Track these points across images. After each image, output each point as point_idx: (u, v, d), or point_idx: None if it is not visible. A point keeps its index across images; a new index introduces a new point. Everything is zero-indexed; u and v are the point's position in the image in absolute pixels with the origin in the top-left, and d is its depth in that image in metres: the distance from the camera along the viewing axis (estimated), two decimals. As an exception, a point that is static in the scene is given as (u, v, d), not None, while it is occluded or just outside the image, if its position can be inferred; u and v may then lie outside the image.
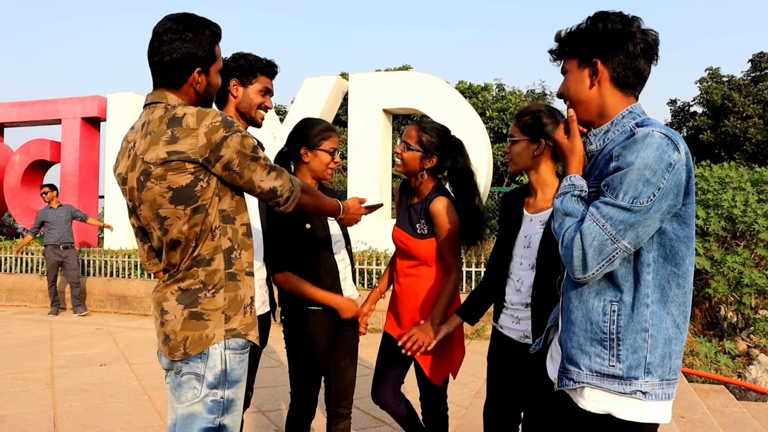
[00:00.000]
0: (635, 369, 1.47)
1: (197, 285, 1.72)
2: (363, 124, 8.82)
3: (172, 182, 1.65)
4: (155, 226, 1.73)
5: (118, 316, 8.62)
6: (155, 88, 1.79)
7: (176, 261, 1.75)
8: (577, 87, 1.62)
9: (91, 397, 4.49)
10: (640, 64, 1.55)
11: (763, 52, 22.37)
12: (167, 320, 1.74)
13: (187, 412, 1.73)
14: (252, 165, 1.71)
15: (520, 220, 2.26)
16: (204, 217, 1.69)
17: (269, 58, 2.37)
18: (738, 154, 20.81)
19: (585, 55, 1.59)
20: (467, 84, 19.71)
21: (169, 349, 1.74)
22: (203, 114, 1.66)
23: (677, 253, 1.49)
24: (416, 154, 2.48)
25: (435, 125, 2.55)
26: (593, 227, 1.44)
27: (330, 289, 2.48)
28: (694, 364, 5.20)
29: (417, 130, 2.51)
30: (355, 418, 3.93)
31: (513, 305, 2.24)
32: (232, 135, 1.66)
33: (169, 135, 1.64)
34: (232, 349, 1.74)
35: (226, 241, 1.74)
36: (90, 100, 11.24)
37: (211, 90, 1.82)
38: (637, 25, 1.55)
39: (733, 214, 5.74)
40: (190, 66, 1.73)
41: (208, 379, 1.71)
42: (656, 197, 1.41)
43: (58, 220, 8.59)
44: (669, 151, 1.42)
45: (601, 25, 1.56)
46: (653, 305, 1.47)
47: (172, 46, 1.70)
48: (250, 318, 1.80)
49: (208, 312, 1.72)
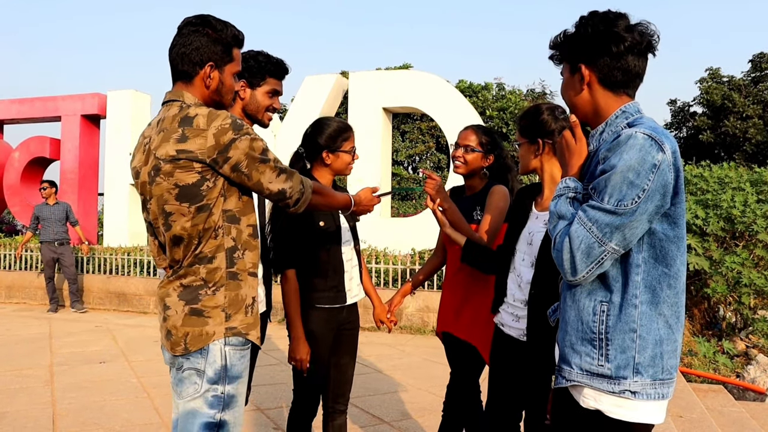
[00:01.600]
0: (623, 369, 1.48)
1: (198, 282, 1.75)
2: (363, 122, 8.82)
3: (179, 179, 1.69)
4: (161, 221, 1.77)
5: (118, 313, 8.62)
6: (174, 84, 1.83)
7: (179, 257, 1.78)
8: (569, 92, 1.65)
9: (90, 395, 4.49)
10: (627, 62, 1.55)
11: (763, 53, 22.38)
12: (169, 315, 1.78)
13: (188, 408, 1.75)
14: (261, 167, 1.74)
15: (527, 216, 2.29)
16: (207, 216, 1.72)
17: (279, 58, 2.34)
18: (738, 155, 20.82)
19: (572, 61, 1.62)
20: (467, 83, 19.71)
21: (170, 344, 1.77)
22: (214, 116, 1.69)
23: (667, 253, 1.49)
24: (478, 155, 2.66)
25: (484, 127, 2.75)
26: (580, 230, 1.46)
27: (335, 287, 2.50)
28: (693, 363, 5.21)
29: (475, 133, 2.68)
30: (353, 416, 3.94)
31: (515, 301, 2.25)
32: (240, 138, 1.69)
33: (179, 133, 1.68)
34: (233, 345, 1.77)
35: (229, 241, 1.76)
36: (90, 98, 11.22)
37: (224, 90, 1.84)
38: (622, 24, 1.54)
39: (732, 215, 5.75)
40: (202, 59, 1.76)
41: (209, 375, 1.74)
42: (641, 199, 1.42)
43: (53, 217, 8.59)
44: (652, 152, 1.42)
45: (584, 29, 1.58)
46: (642, 306, 1.48)
47: (189, 39, 1.76)
48: (251, 318, 1.82)
49: (209, 309, 1.74)
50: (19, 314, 8.42)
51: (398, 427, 3.78)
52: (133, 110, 10.79)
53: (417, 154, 19.90)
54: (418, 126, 19.95)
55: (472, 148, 2.65)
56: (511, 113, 17.95)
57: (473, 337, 2.60)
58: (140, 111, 10.97)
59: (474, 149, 2.65)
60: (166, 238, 1.78)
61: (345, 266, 2.54)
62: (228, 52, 1.81)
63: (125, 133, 10.69)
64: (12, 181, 11.60)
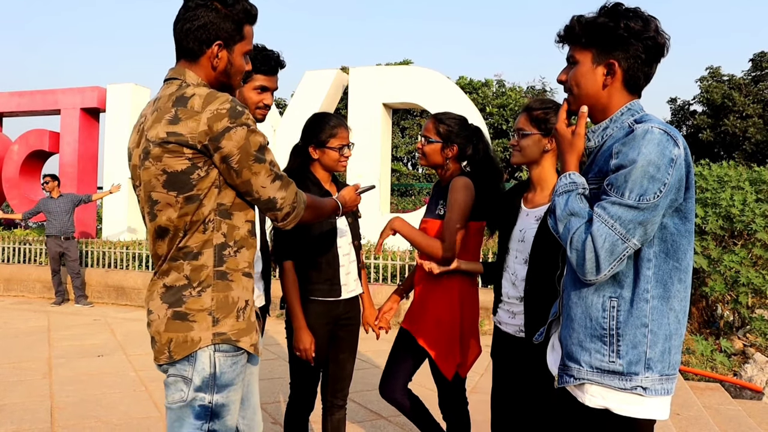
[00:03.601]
0: (635, 365, 1.47)
1: (182, 281, 1.59)
2: (363, 118, 8.81)
3: (167, 165, 1.53)
4: (146, 210, 1.62)
5: (116, 307, 8.62)
6: (177, 61, 1.67)
7: (163, 252, 1.63)
8: (588, 83, 1.58)
9: (88, 388, 4.50)
10: (653, 68, 1.56)
11: (764, 52, 22.37)
12: (152, 321, 1.64)
13: (174, 416, 1.62)
14: (255, 166, 1.57)
15: (516, 215, 2.28)
16: (197, 208, 1.56)
17: (269, 52, 2.24)
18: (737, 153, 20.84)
19: (602, 52, 1.55)
20: (467, 79, 19.71)
21: (155, 352, 1.63)
22: (212, 98, 1.53)
23: (678, 247, 1.49)
24: (436, 145, 2.51)
25: (451, 115, 2.57)
26: (603, 228, 1.43)
27: (329, 280, 2.49)
28: (690, 362, 5.22)
29: (433, 122, 2.54)
30: (352, 411, 3.94)
31: (509, 299, 2.26)
32: (236, 127, 1.52)
33: (172, 114, 1.53)
34: (223, 352, 1.60)
35: (219, 237, 1.59)
36: (89, 91, 11.20)
37: (233, 71, 1.67)
38: (655, 27, 1.53)
39: (731, 213, 5.75)
40: (210, 37, 1.60)
41: (195, 383, 1.58)
42: (663, 193, 1.41)
43: (59, 210, 8.56)
44: (670, 146, 1.42)
45: (623, 23, 1.51)
46: (653, 300, 1.47)
47: (196, 12, 1.58)
48: (243, 323, 1.64)
49: (193, 312, 1.58)
50: (17, 307, 8.41)
51: (396, 423, 3.79)
52: (132, 104, 10.77)
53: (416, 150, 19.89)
54: (418, 122, 19.95)
55: (429, 139, 2.52)
56: (511, 110, 17.94)
57: (432, 347, 2.49)
58: (140, 105, 10.94)
59: (430, 140, 2.51)
60: (150, 229, 1.62)
61: (341, 260, 2.53)
62: (239, 30, 1.63)
63: (125, 127, 10.67)
64: (11, 174, 11.59)
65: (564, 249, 1.53)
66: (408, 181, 19.09)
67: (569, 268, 1.59)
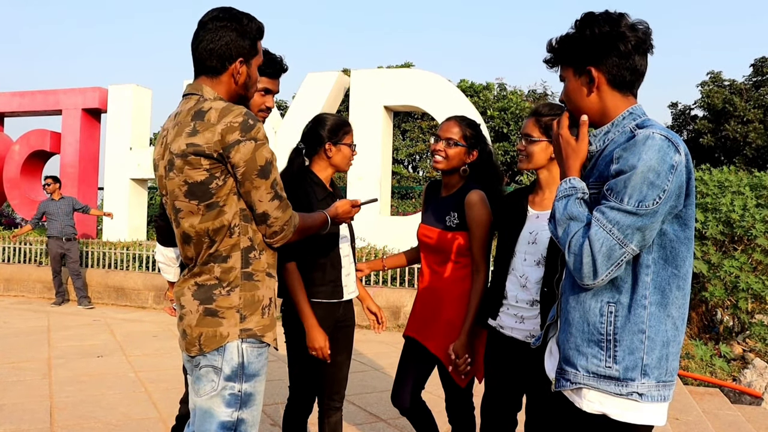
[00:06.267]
0: (632, 370, 1.47)
1: (212, 281, 1.72)
2: (364, 120, 8.82)
3: (188, 176, 1.66)
4: (173, 217, 1.77)
5: (116, 307, 8.62)
6: (196, 78, 1.79)
7: (191, 255, 1.76)
8: (577, 96, 1.61)
9: (87, 388, 4.50)
10: (635, 61, 1.54)
11: (765, 57, 22.39)
12: (184, 315, 1.76)
13: (205, 406, 1.72)
14: (257, 180, 1.68)
15: (524, 217, 2.27)
16: (218, 215, 1.68)
17: (273, 55, 2.28)
18: (738, 159, 20.85)
19: (578, 64, 1.58)
20: (469, 83, 19.72)
21: (186, 344, 1.76)
22: (227, 111, 1.65)
23: (678, 254, 1.49)
24: (461, 149, 2.45)
25: (469, 120, 2.52)
26: (600, 233, 1.43)
27: (333, 282, 2.49)
28: (690, 366, 5.22)
29: (459, 125, 2.47)
30: (351, 414, 3.95)
31: (517, 303, 2.23)
32: (245, 141, 1.64)
33: (191, 127, 1.66)
34: (250, 343, 1.73)
35: (246, 240, 1.73)
36: (91, 92, 11.21)
37: (250, 83, 1.81)
38: (625, 23, 1.53)
39: (731, 219, 5.75)
40: (233, 54, 1.73)
41: (225, 372, 1.71)
42: (662, 200, 1.41)
43: (60, 212, 8.59)
44: (670, 153, 1.42)
45: (588, 30, 1.54)
46: (651, 307, 1.47)
47: (217, 34, 1.72)
48: (267, 319, 1.78)
49: (223, 310, 1.71)
50: (17, 307, 8.41)
51: (395, 425, 3.79)
52: (134, 105, 10.78)
53: (417, 152, 19.90)
54: (418, 125, 19.96)
55: (455, 142, 2.44)
56: (513, 113, 17.94)
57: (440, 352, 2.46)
58: (141, 105, 10.97)
59: (457, 143, 2.44)
60: (177, 235, 1.78)
61: (342, 261, 2.54)
62: (254, 46, 1.78)
63: (126, 128, 10.69)
64: (12, 174, 11.60)
65: (563, 253, 1.54)
66: (408, 183, 19.09)
67: (568, 272, 1.59)
